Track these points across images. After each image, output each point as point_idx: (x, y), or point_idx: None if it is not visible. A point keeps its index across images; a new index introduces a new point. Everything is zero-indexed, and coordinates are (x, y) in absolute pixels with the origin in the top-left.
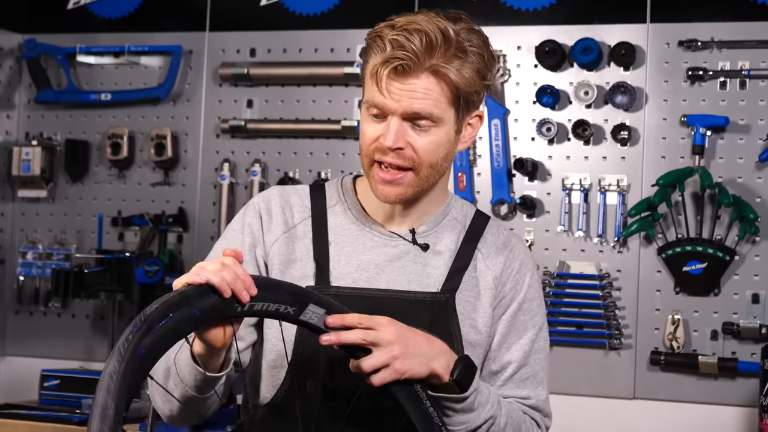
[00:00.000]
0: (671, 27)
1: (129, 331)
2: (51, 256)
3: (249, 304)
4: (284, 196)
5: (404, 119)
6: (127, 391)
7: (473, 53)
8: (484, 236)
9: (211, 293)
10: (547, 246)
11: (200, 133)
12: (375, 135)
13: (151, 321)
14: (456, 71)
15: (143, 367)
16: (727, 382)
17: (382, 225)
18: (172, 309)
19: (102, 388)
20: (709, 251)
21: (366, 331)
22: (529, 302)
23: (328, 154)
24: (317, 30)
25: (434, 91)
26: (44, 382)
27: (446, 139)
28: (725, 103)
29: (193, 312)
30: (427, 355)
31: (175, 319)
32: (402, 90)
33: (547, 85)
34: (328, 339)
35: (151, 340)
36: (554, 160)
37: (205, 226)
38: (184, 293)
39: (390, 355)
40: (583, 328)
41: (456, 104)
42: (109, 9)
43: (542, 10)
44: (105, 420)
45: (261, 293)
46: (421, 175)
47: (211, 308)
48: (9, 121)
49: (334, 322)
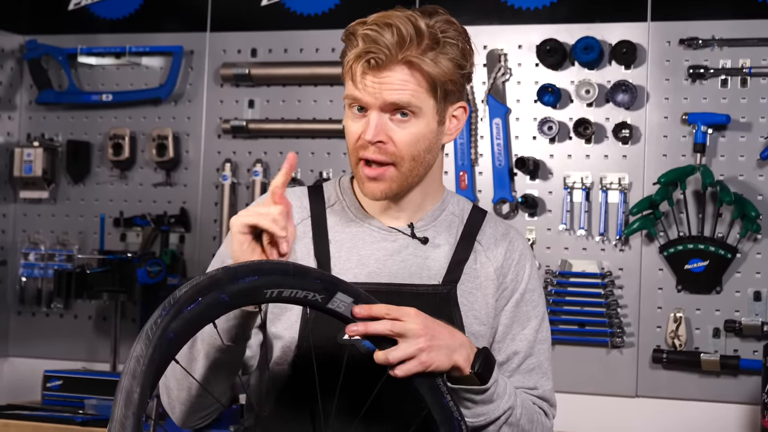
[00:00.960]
0: (672, 25)
1: (158, 314)
2: (53, 257)
3: (278, 291)
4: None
5: (383, 112)
6: (153, 376)
7: (448, 44)
8: (482, 229)
9: (240, 278)
10: (549, 245)
11: (202, 134)
12: (358, 131)
13: (180, 305)
14: (431, 62)
15: (170, 351)
16: (729, 379)
17: (381, 221)
18: (201, 293)
19: (128, 372)
20: (710, 249)
21: (393, 322)
22: (530, 293)
23: (330, 153)
24: (318, 30)
25: (411, 83)
26: (47, 383)
27: (427, 130)
28: (726, 101)
29: (222, 297)
30: (451, 347)
31: (204, 304)
32: (377, 83)
33: (549, 84)
34: (356, 329)
35: (179, 324)
36: (556, 159)
37: (207, 226)
38: (214, 277)
39: (417, 347)
40: (585, 327)
41: (434, 94)
42: (110, 10)
43: (543, 9)
44: (129, 405)
45: (290, 280)
46: (403, 170)
47: (240, 293)
48: (10, 122)
49: (361, 312)
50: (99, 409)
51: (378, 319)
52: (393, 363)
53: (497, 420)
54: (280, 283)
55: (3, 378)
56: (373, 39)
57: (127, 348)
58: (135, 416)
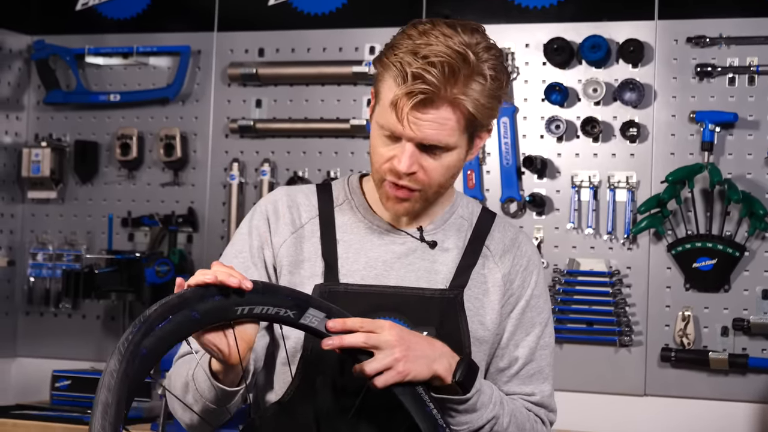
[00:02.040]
0: (679, 24)
1: (129, 331)
2: (61, 257)
3: (249, 308)
4: (291, 195)
5: (418, 146)
6: (127, 390)
7: (491, 77)
8: (491, 234)
9: (209, 296)
10: (557, 243)
11: (209, 133)
12: (388, 155)
13: (151, 322)
14: (473, 101)
15: (145, 367)
16: (737, 378)
17: (390, 223)
18: (171, 311)
19: (103, 386)
20: (718, 247)
21: (368, 334)
22: (536, 299)
23: (337, 153)
24: (325, 29)
25: (451, 121)
26: (55, 383)
27: (457, 160)
28: (734, 99)
29: (193, 315)
30: (429, 357)
31: (175, 322)
32: (420, 120)
33: (556, 83)
34: (331, 343)
35: (151, 341)
36: (563, 158)
37: (215, 226)
38: (182, 296)
39: (392, 358)
40: (594, 325)
41: (469, 130)
42: (118, 10)
43: (550, 8)
44: (106, 416)
45: (260, 297)
46: (429, 195)
47: (210, 311)
48: (18, 122)
49: (335, 326)
50: None
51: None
52: (370, 375)
53: (481, 429)
54: (249, 300)
55: (12, 378)
56: (423, 77)
57: None
58: (112, 426)
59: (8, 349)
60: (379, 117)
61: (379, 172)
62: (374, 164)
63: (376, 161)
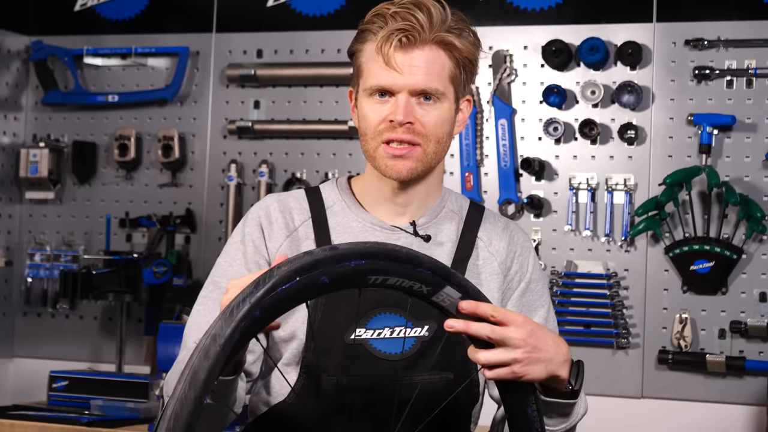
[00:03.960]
0: (677, 26)
1: (248, 290)
2: (59, 257)
3: (383, 278)
4: (282, 200)
5: (411, 95)
6: (226, 358)
7: (467, 28)
8: (482, 225)
9: (346, 260)
10: (555, 245)
11: (207, 134)
12: (382, 116)
13: (276, 282)
14: (457, 40)
15: (252, 330)
16: (735, 380)
17: (382, 220)
18: (301, 273)
19: (201, 349)
20: (716, 250)
21: (494, 328)
22: (535, 282)
23: (336, 154)
24: (324, 30)
25: (438, 63)
26: (53, 384)
27: (448, 114)
28: (732, 101)
29: (322, 279)
30: (553, 361)
31: (301, 284)
32: (407, 64)
33: (554, 85)
34: (455, 326)
35: (269, 302)
36: (561, 160)
37: (213, 227)
38: (317, 257)
39: (511, 357)
40: (591, 328)
41: (456, 78)
42: (116, 10)
43: (548, 10)
44: (194, 385)
45: (399, 267)
46: (428, 151)
47: (342, 276)
48: (16, 123)
49: (467, 308)
50: (105, 409)
51: (482, 318)
52: (483, 364)
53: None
54: (387, 269)
55: (9, 378)
56: (405, 17)
57: (133, 348)
58: (197, 399)
59: (6, 350)
60: (366, 83)
61: (374, 137)
62: (368, 131)
63: (370, 126)
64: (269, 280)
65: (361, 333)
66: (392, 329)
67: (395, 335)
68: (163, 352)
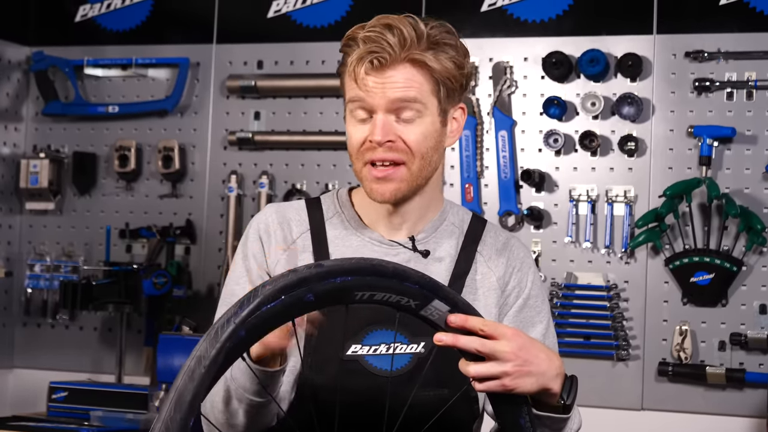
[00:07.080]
0: (678, 38)
1: (233, 311)
2: (59, 268)
3: (369, 293)
4: (281, 212)
5: (389, 112)
6: (211, 379)
7: (446, 44)
8: (483, 239)
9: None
10: (555, 257)
11: (208, 145)
12: (363, 136)
13: (259, 303)
14: (433, 58)
15: (237, 351)
16: (735, 392)
17: (381, 234)
18: (285, 291)
19: (186, 371)
20: (716, 262)
21: (484, 341)
22: (534, 299)
23: (336, 165)
24: (324, 42)
25: (415, 80)
26: (52, 395)
27: (433, 128)
28: (732, 113)
29: (307, 297)
30: (544, 374)
31: (286, 303)
32: (380, 84)
33: (554, 97)
34: (444, 340)
35: (253, 323)
36: (561, 171)
37: (213, 238)
38: (300, 275)
39: (502, 371)
40: (591, 339)
41: (437, 93)
42: (117, 21)
43: (549, 22)
44: (179, 408)
45: (386, 282)
46: (413, 169)
47: (327, 294)
48: (17, 133)
49: (456, 322)
50: (104, 420)
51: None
52: (473, 377)
53: None
54: (374, 285)
55: (8, 389)
56: (375, 40)
57: (133, 359)
58: (182, 421)
59: (5, 360)
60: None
61: (358, 158)
62: (352, 152)
63: (353, 147)
64: (253, 300)
65: (357, 349)
66: (388, 345)
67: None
68: (163, 363)
